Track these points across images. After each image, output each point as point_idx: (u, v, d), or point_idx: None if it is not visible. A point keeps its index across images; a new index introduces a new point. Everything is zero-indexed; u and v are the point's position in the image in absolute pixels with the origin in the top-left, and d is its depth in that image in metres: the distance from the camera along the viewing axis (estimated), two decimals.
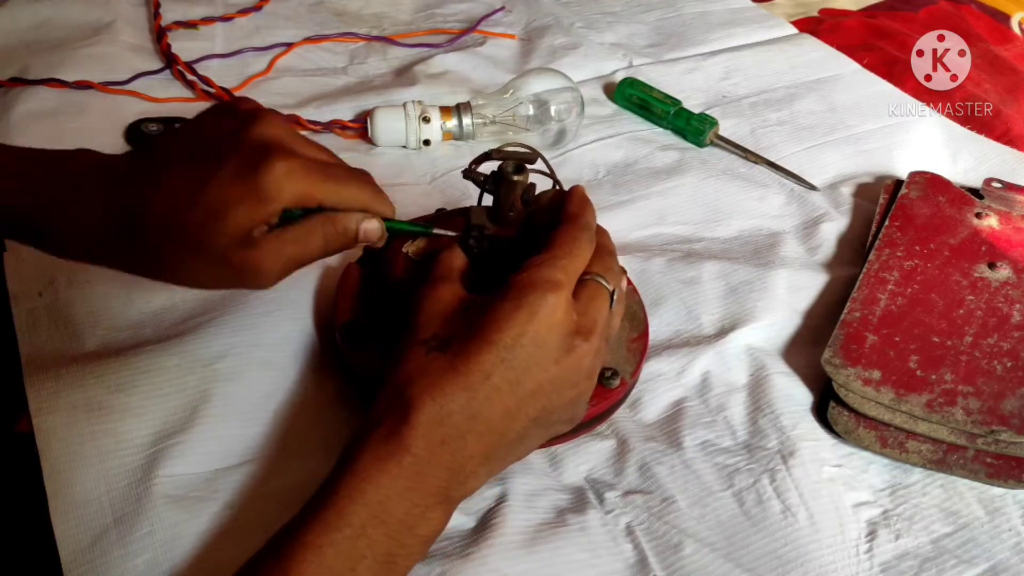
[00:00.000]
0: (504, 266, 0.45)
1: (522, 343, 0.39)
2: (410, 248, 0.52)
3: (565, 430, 0.46)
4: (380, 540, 0.37)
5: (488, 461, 0.41)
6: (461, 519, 0.45)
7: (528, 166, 0.49)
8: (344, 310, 0.52)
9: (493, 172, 0.49)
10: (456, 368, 0.39)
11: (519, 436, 0.41)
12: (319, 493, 0.37)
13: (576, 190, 0.48)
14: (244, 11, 0.92)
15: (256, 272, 0.41)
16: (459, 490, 0.40)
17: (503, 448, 0.41)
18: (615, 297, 0.44)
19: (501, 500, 0.46)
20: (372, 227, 0.45)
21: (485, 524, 0.45)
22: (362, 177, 0.46)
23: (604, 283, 0.43)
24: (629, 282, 0.58)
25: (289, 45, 0.87)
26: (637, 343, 0.53)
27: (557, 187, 0.51)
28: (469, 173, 0.50)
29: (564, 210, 0.46)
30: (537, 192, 0.50)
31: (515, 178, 0.48)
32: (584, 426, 0.50)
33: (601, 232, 0.47)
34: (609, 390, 0.49)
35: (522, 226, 0.49)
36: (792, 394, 0.54)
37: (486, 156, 0.50)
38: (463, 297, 0.43)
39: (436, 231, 0.49)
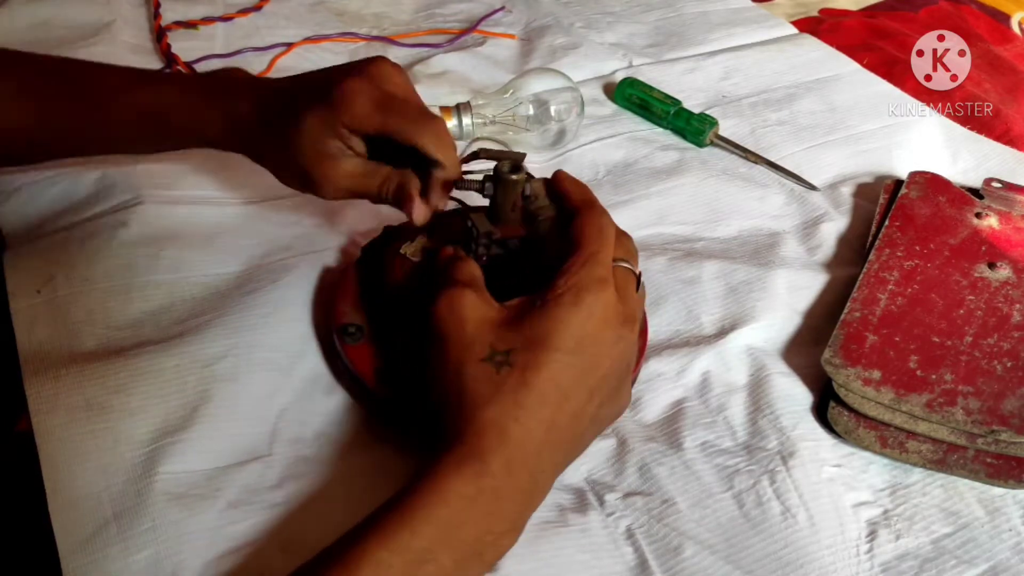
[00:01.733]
0: (512, 267, 0.45)
1: (584, 344, 0.40)
2: (408, 250, 0.52)
3: (614, 421, 0.46)
4: (446, 564, 0.36)
5: (556, 471, 0.41)
6: None
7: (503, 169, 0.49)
8: (342, 311, 0.52)
9: (487, 175, 0.49)
10: (529, 383, 0.39)
11: (581, 437, 0.42)
12: (389, 505, 0.37)
13: (562, 176, 0.48)
14: (244, 11, 0.92)
15: (321, 179, 0.50)
16: (530, 510, 0.40)
17: (571, 455, 0.42)
18: (641, 280, 0.45)
19: None
20: (419, 213, 0.50)
21: None
22: (432, 122, 0.49)
23: (631, 267, 0.44)
24: None
25: (289, 45, 0.87)
26: (637, 341, 0.53)
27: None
28: (464, 184, 0.51)
29: (571, 200, 0.46)
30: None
31: (512, 177, 0.48)
32: None
33: (622, 233, 0.47)
34: None
35: (526, 224, 0.49)
36: (792, 394, 0.54)
37: (475, 156, 0.51)
38: (499, 307, 0.43)
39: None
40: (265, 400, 0.50)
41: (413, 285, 0.49)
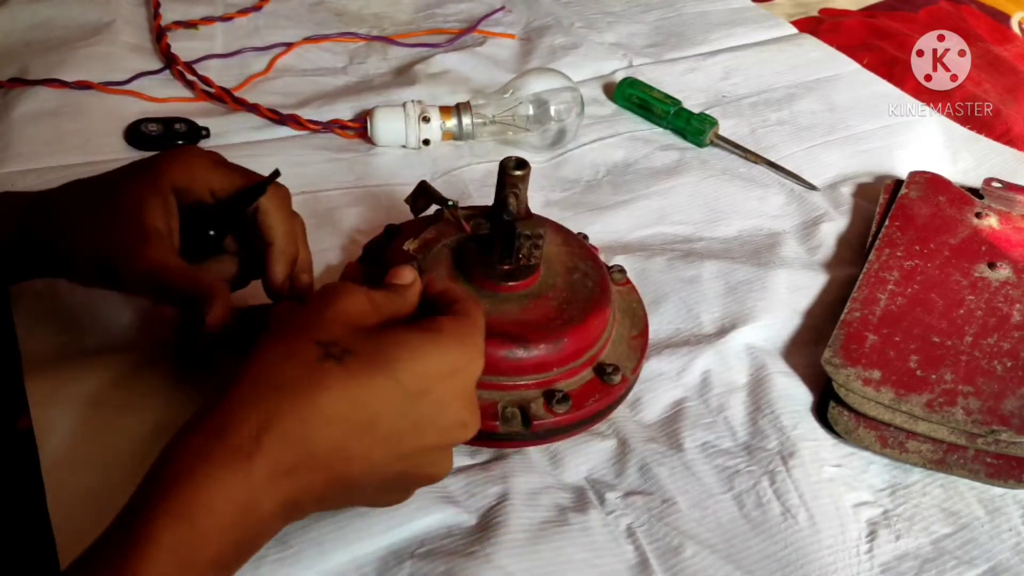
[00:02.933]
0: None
1: (429, 399, 0.36)
2: (411, 246, 0.52)
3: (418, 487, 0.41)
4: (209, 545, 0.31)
5: (322, 503, 0.36)
6: (462, 516, 0.45)
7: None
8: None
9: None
10: (345, 390, 0.34)
11: (371, 489, 0.38)
12: (128, 508, 0.33)
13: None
14: (244, 11, 0.92)
15: (135, 258, 0.43)
16: (282, 519, 0.35)
17: (346, 495, 0.37)
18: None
19: (503, 498, 0.46)
20: (210, 319, 0.43)
21: (488, 522, 0.45)
22: (250, 174, 0.47)
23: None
24: (627, 281, 0.58)
25: (289, 45, 0.87)
26: (637, 340, 0.53)
27: (447, 208, 0.52)
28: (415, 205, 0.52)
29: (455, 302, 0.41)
30: None
31: (516, 173, 0.48)
32: (587, 422, 0.50)
33: None
34: (610, 386, 0.50)
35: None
36: (792, 394, 0.54)
37: (420, 190, 0.53)
38: (385, 317, 0.39)
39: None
40: None
41: None
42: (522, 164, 0.48)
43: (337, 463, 0.35)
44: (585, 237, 0.61)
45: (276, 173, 0.48)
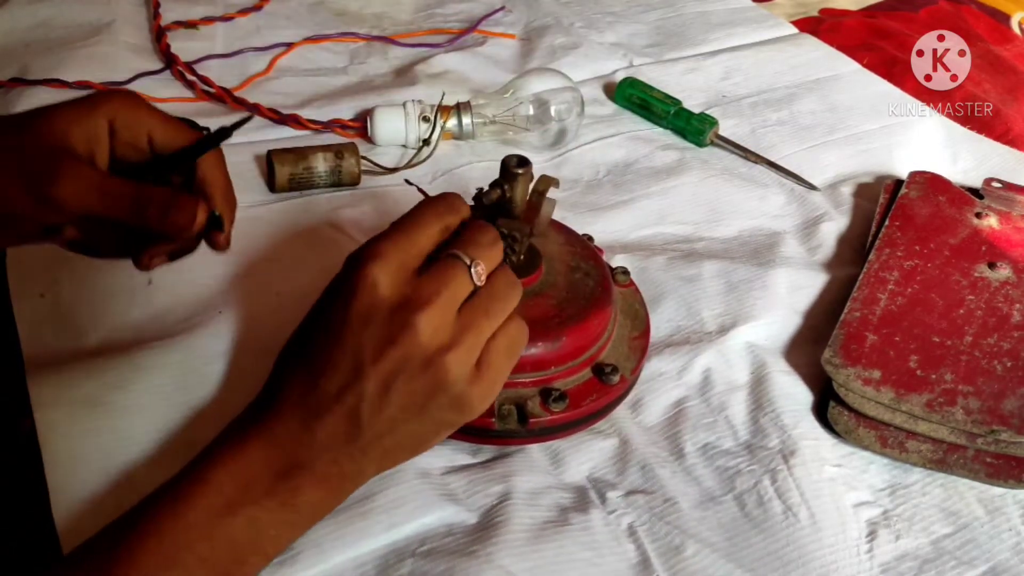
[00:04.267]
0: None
1: (348, 322, 0.37)
2: None
3: (457, 418, 0.40)
4: (241, 505, 0.36)
5: (360, 445, 0.38)
6: (463, 515, 0.45)
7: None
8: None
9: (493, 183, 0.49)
10: (307, 356, 0.38)
11: (383, 423, 0.38)
12: (183, 468, 0.37)
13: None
14: (244, 11, 0.92)
15: (54, 176, 0.39)
16: (333, 468, 0.38)
17: (369, 433, 0.38)
18: (475, 272, 0.40)
19: (504, 497, 0.46)
20: (182, 219, 0.41)
21: (489, 521, 0.45)
22: (196, 132, 0.44)
23: (460, 256, 0.39)
24: (631, 283, 0.58)
25: (289, 45, 0.87)
26: (638, 341, 0.53)
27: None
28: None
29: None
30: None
31: (519, 171, 0.48)
32: (584, 422, 0.50)
33: (476, 223, 0.43)
34: (609, 386, 0.50)
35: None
36: (792, 393, 0.54)
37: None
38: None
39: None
40: None
41: None
42: (524, 162, 0.48)
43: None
44: (590, 239, 0.61)
45: (225, 132, 0.44)
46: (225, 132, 0.43)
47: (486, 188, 0.48)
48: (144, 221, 0.41)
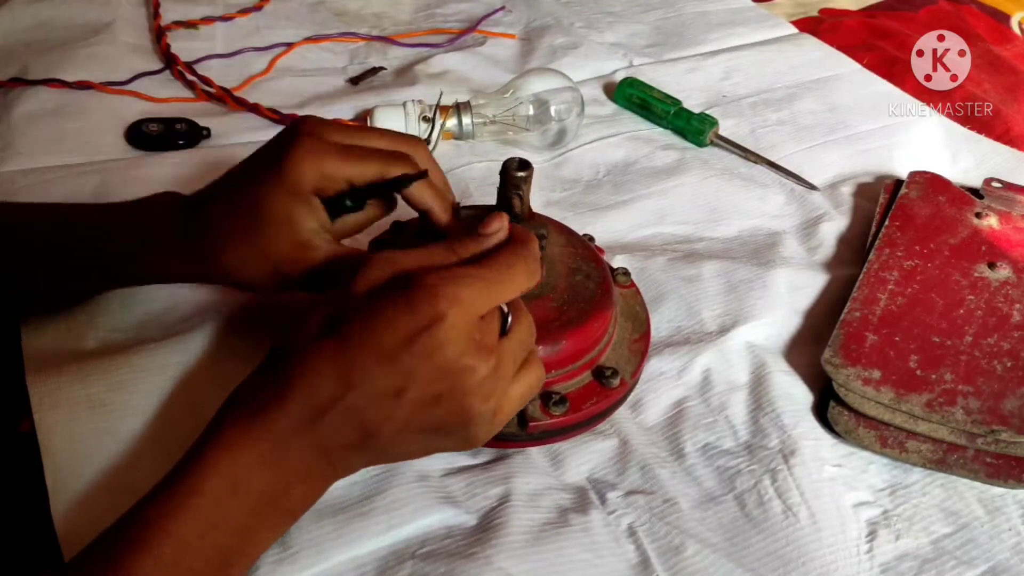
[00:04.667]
0: None
1: (412, 351, 0.37)
2: None
3: (456, 449, 0.42)
4: (235, 513, 0.36)
5: (363, 451, 0.39)
6: (462, 517, 0.45)
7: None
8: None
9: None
10: (338, 358, 0.37)
11: (397, 438, 0.39)
12: (179, 463, 0.37)
13: (519, 229, 0.44)
14: (244, 11, 0.92)
15: (310, 267, 0.44)
16: (327, 470, 0.39)
17: (379, 444, 0.39)
18: (509, 320, 0.41)
19: (504, 499, 0.46)
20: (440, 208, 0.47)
21: (488, 523, 0.45)
22: (397, 159, 0.46)
23: (503, 308, 0.41)
24: (632, 284, 0.58)
25: (289, 45, 0.87)
26: (638, 344, 0.53)
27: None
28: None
29: (513, 232, 0.43)
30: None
31: (519, 174, 0.48)
32: (584, 425, 0.50)
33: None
34: (609, 389, 0.50)
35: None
36: (792, 393, 0.54)
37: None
38: (374, 281, 0.40)
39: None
40: None
41: None
42: (525, 165, 0.48)
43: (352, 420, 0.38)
44: (591, 239, 0.61)
45: (423, 173, 0.46)
46: (416, 176, 0.46)
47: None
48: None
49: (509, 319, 0.41)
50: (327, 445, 0.38)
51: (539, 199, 0.70)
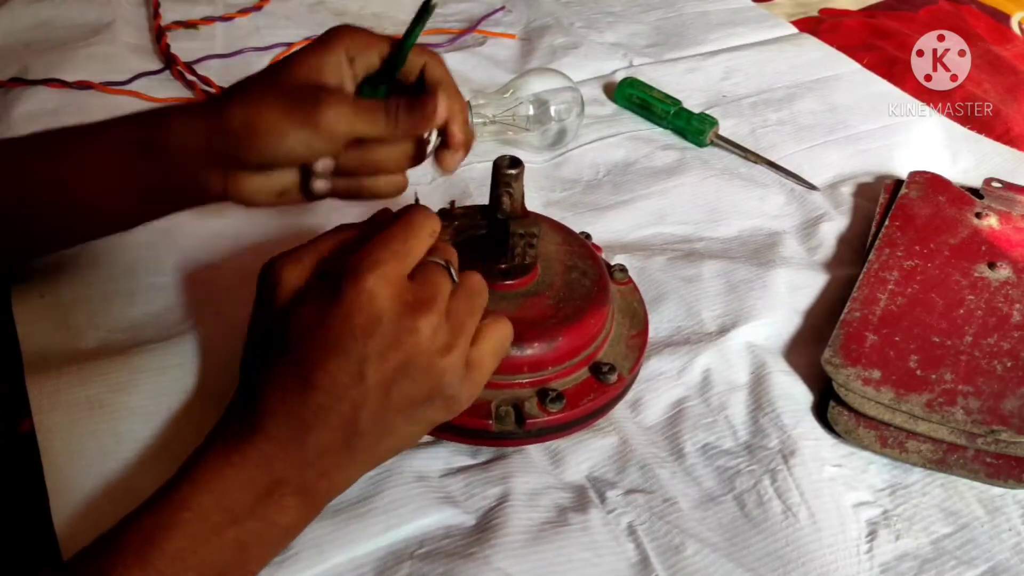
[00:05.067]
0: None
1: (353, 335, 0.37)
2: None
3: (445, 417, 0.43)
4: (226, 527, 0.36)
5: (351, 453, 0.39)
6: (461, 517, 0.45)
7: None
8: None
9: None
10: (297, 371, 0.38)
11: (380, 426, 0.39)
12: (174, 475, 0.37)
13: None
14: (244, 11, 0.92)
15: (318, 102, 0.43)
16: (322, 482, 0.39)
17: (366, 439, 0.39)
18: (452, 270, 0.42)
19: (503, 499, 0.46)
20: (439, 111, 0.45)
21: (487, 523, 0.45)
22: (426, 49, 0.47)
23: (440, 261, 0.42)
24: (629, 280, 0.58)
25: (289, 45, 0.87)
26: (636, 339, 0.53)
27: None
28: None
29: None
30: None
31: (509, 172, 0.49)
32: (582, 422, 0.50)
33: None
34: (606, 385, 0.50)
35: None
36: (792, 393, 0.54)
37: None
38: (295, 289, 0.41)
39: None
40: None
41: None
42: (515, 163, 0.49)
43: (328, 419, 0.38)
44: (588, 236, 0.61)
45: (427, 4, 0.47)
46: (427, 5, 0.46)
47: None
48: (398, 130, 0.45)
49: (454, 276, 0.42)
50: (312, 457, 0.38)
51: (539, 199, 0.70)
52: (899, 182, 0.72)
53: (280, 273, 0.40)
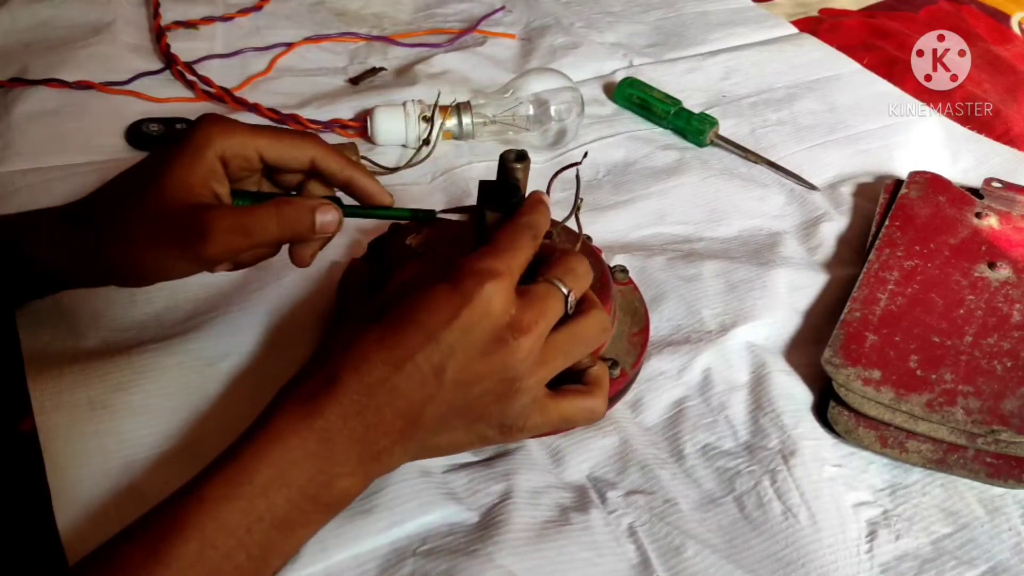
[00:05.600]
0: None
1: (451, 328, 0.38)
2: (413, 240, 0.52)
3: (498, 439, 0.43)
4: (280, 503, 0.36)
5: (405, 441, 0.40)
6: (464, 514, 0.45)
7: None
8: (348, 309, 0.52)
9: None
10: (383, 341, 0.38)
11: (440, 423, 0.40)
12: (227, 450, 0.37)
13: (532, 195, 0.46)
14: (244, 11, 0.92)
15: (202, 235, 0.40)
16: (371, 465, 0.39)
17: (422, 432, 0.40)
18: (570, 301, 0.42)
19: (505, 497, 0.46)
20: (329, 218, 0.43)
21: (490, 521, 0.45)
22: (309, 137, 0.45)
23: (559, 286, 0.42)
24: (630, 280, 0.58)
25: (289, 45, 0.87)
26: (638, 337, 0.54)
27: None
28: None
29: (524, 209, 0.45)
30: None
31: (516, 165, 0.48)
32: None
33: (571, 252, 0.45)
34: (610, 379, 0.50)
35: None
36: (792, 393, 0.54)
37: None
38: (415, 273, 0.42)
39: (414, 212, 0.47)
40: (270, 398, 0.50)
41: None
42: (522, 156, 0.48)
43: (397, 405, 0.38)
44: (589, 239, 0.61)
45: (431, 215, 0.47)
46: (429, 215, 0.47)
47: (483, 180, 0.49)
48: (295, 235, 0.43)
49: (570, 300, 0.42)
50: (372, 435, 0.38)
51: None
52: (899, 182, 0.72)
53: (408, 261, 0.41)
